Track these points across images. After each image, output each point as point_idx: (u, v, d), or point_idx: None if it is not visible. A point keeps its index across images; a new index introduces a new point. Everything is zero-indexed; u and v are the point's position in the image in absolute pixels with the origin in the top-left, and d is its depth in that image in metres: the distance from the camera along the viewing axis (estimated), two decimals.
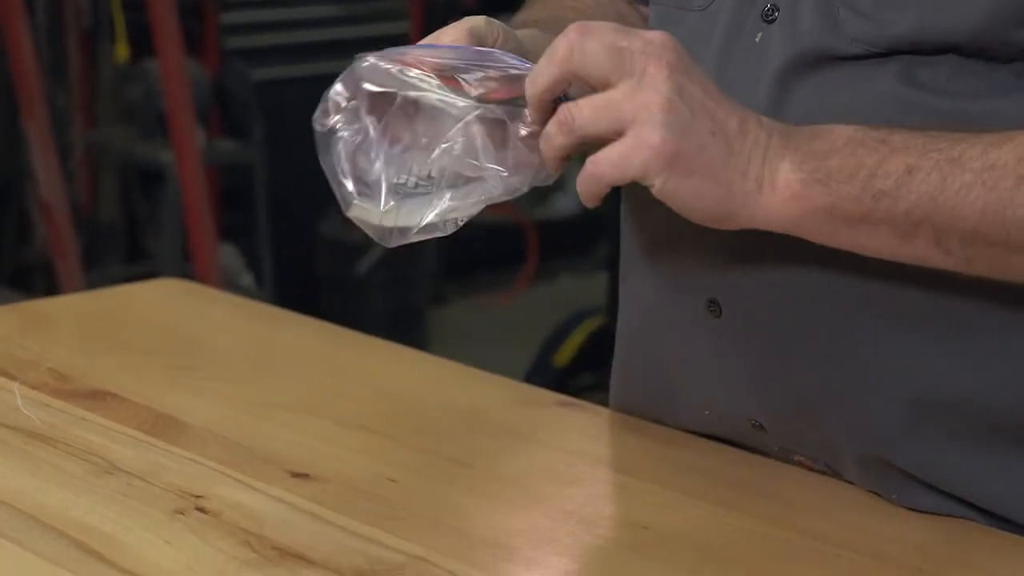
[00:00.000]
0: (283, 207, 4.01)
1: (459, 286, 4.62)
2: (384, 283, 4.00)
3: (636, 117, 1.00)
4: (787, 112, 1.10)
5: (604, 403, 1.32)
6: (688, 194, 1.01)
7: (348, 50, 4.36)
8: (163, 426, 1.23)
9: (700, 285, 1.16)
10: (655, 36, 1.02)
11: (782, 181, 1.03)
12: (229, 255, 3.93)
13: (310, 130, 1.06)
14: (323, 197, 1.13)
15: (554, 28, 1.17)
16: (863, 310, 1.11)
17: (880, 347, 1.11)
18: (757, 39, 1.14)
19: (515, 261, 4.74)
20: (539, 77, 1.02)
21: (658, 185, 1.01)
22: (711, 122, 1.01)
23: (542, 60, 1.02)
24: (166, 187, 3.77)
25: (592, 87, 1.02)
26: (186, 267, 3.68)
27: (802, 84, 1.11)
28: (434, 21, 4.63)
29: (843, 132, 1.03)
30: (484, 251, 4.79)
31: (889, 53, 1.09)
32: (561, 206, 4.98)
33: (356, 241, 4.05)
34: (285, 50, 4.28)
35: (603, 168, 1.01)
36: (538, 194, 5.29)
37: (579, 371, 3.59)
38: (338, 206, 1.07)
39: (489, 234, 4.88)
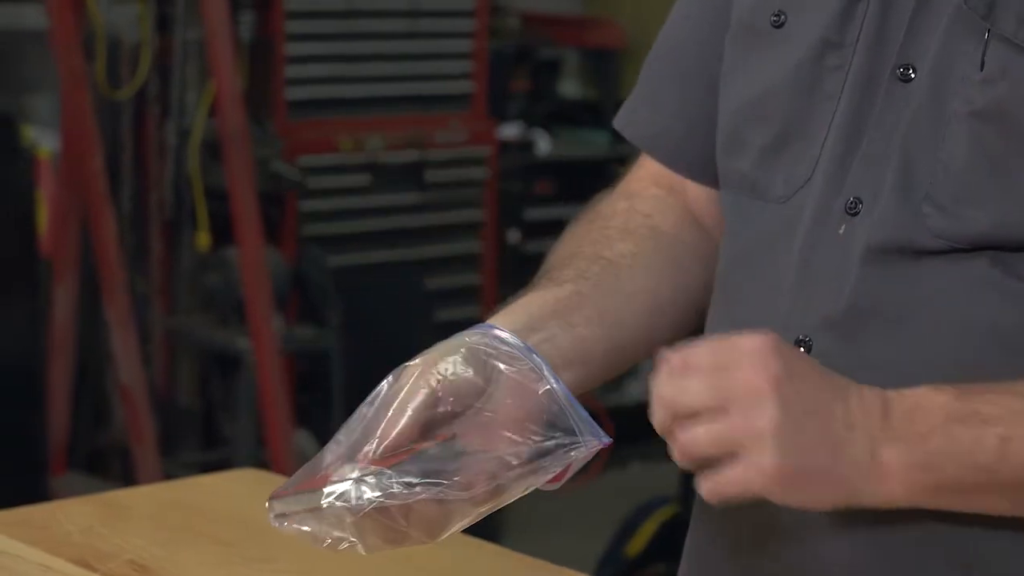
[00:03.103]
0: (358, 392, 4.02)
1: None
2: None
3: (749, 443, 1.03)
4: (874, 302, 1.13)
5: None
6: (807, 500, 1.06)
7: (424, 237, 4.45)
8: None
9: None
10: (750, 348, 1.04)
11: (887, 469, 1.05)
12: (304, 440, 3.95)
13: (385, 316, 1.11)
14: None
15: (559, 277, 1.23)
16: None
17: (968, 529, 1.11)
18: (841, 231, 1.15)
19: None
20: (655, 421, 1.05)
21: (779, 500, 1.05)
22: (821, 427, 1.04)
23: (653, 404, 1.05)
24: (242, 373, 3.81)
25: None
26: (261, 453, 3.70)
27: (889, 275, 1.13)
28: (509, 212, 4.70)
29: (938, 408, 1.06)
30: None
31: (972, 248, 1.11)
32: (634, 392, 4.98)
33: None
34: (361, 237, 4.35)
35: (725, 488, 1.05)
36: (611, 381, 5.29)
37: (651, 562, 3.56)
38: None
39: None
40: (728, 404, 1.03)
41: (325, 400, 4.04)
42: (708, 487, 1.05)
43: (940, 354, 1.11)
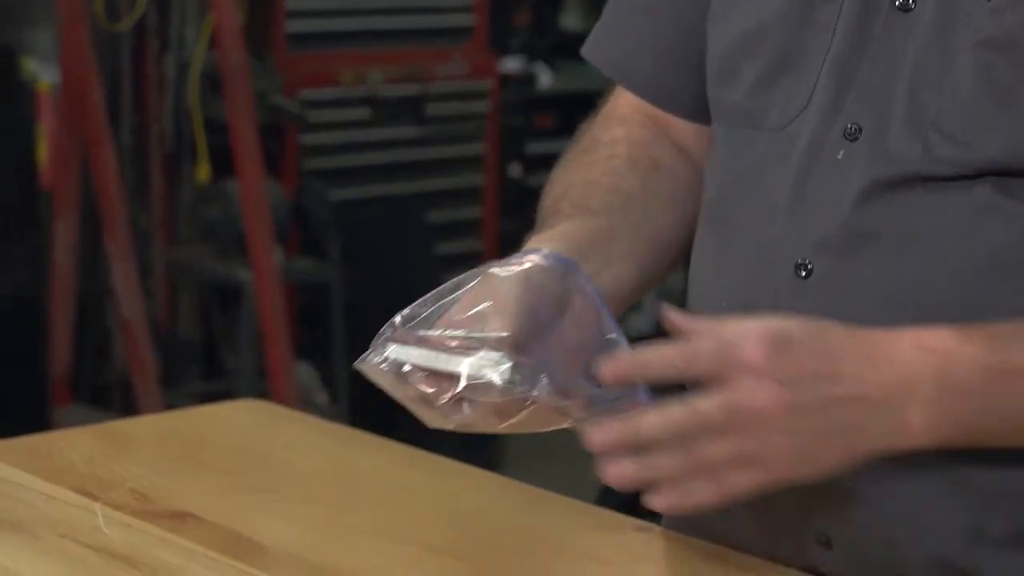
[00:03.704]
0: (359, 325, 4.04)
1: None
2: None
3: (764, 458, 1.02)
4: (873, 225, 1.13)
5: None
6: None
7: (425, 171, 4.42)
8: (243, 548, 1.24)
9: None
10: (754, 380, 1.01)
11: (914, 431, 1.05)
12: (305, 373, 3.96)
13: (385, 249, 1.09)
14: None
15: (587, 206, 1.21)
16: None
17: (969, 459, 1.12)
18: (839, 156, 1.16)
19: None
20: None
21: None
22: (834, 422, 1.03)
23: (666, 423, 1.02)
24: (244, 305, 3.81)
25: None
26: (262, 384, 3.71)
27: (888, 201, 1.13)
28: (510, 146, 4.69)
29: (971, 363, 1.04)
30: None
31: (977, 175, 1.11)
32: (635, 325, 4.99)
33: None
34: (362, 171, 4.34)
35: (740, 490, 1.03)
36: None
37: None
38: None
39: None
40: (736, 433, 1.01)
41: (325, 333, 4.04)
42: (715, 494, 1.03)
43: (940, 278, 1.12)
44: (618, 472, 1.02)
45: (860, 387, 1.03)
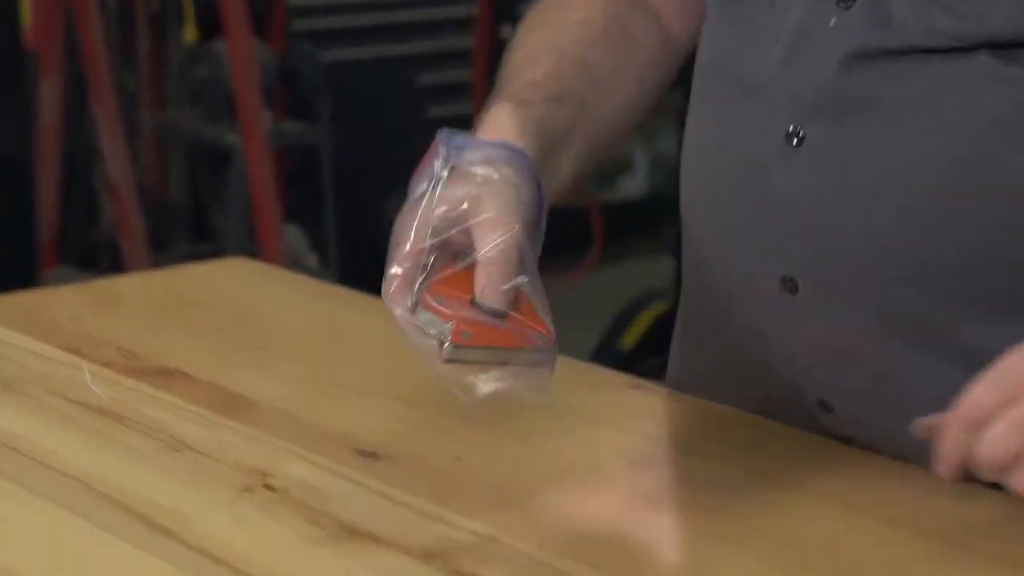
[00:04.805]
0: (348, 188, 4.03)
1: None
2: None
3: None
4: (868, 93, 1.11)
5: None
6: None
7: (416, 33, 4.37)
8: (231, 404, 1.23)
9: (774, 262, 1.16)
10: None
11: None
12: (294, 235, 3.95)
13: (375, 112, 1.07)
14: (388, 177, 1.13)
15: (556, 93, 1.19)
16: (951, 292, 1.10)
17: (965, 323, 1.11)
18: (831, 23, 1.13)
19: (581, 244, 4.74)
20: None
21: None
22: None
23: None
24: (232, 168, 3.79)
25: None
26: (252, 247, 3.70)
27: (882, 68, 1.11)
28: (502, 7, 4.64)
29: None
30: (549, 233, 4.77)
31: (975, 47, 1.09)
32: (628, 189, 4.97)
33: None
34: (352, 32, 4.30)
35: None
36: (605, 176, 5.28)
37: (645, 355, 3.57)
38: (403, 186, 1.09)
39: (554, 217, 4.86)
40: None
41: (315, 195, 4.03)
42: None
43: (935, 146, 1.10)
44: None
45: None
